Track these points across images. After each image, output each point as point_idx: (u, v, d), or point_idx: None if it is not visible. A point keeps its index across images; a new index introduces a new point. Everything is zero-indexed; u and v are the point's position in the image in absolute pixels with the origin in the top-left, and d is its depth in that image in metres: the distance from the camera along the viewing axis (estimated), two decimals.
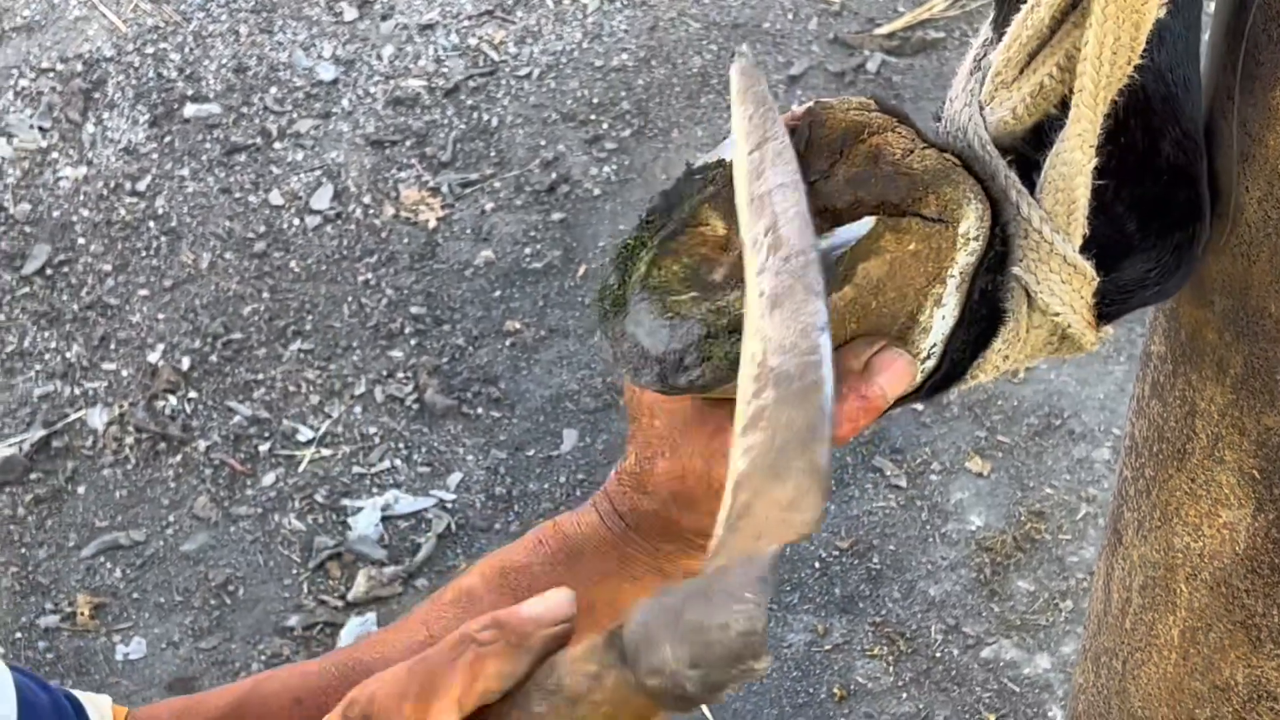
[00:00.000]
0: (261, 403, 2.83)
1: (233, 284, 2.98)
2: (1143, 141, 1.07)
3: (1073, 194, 1.02)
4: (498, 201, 3.10)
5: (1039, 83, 1.00)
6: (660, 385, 0.94)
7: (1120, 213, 1.08)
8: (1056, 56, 0.99)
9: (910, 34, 3.39)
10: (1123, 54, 0.97)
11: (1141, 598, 1.32)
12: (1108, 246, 1.06)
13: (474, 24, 3.41)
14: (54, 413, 2.81)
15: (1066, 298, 1.05)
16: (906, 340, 0.98)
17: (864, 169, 1.00)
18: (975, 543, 2.63)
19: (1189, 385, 1.21)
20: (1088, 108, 0.98)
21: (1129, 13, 0.95)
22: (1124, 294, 1.11)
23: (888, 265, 0.95)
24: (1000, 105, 1.01)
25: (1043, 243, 1.03)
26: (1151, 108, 1.06)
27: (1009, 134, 1.03)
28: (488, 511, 2.70)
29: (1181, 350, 1.21)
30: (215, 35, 3.37)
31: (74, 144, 3.19)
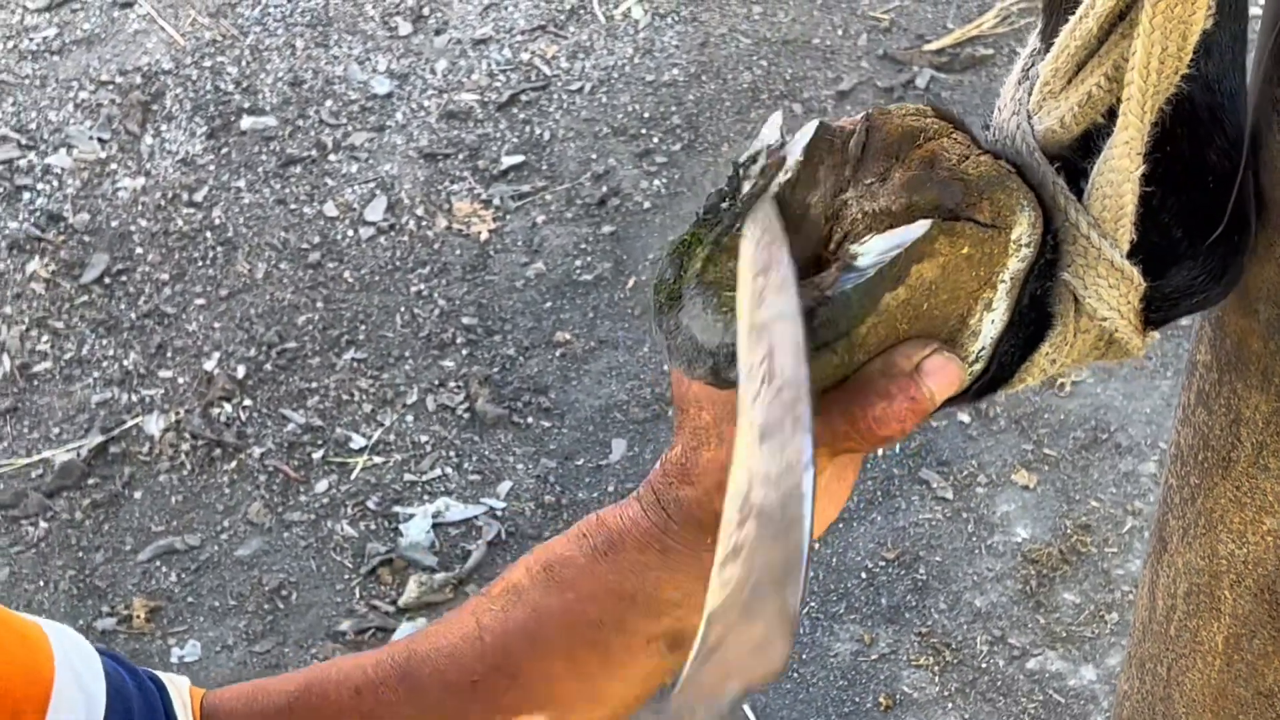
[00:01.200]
0: (315, 411, 2.86)
1: (287, 294, 3.02)
2: (1189, 150, 1.09)
3: (1121, 201, 1.03)
4: (549, 214, 3.13)
5: (1087, 92, 1.01)
6: (713, 379, 0.96)
7: (1166, 220, 1.09)
8: (1104, 66, 1.00)
9: (959, 50, 3.41)
10: (1170, 64, 0.99)
11: (1186, 604, 1.33)
12: (1154, 253, 1.08)
13: (527, 39, 3.44)
14: (111, 419, 2.85)
15: (1114, 303, 1.07)
16: (955, 343, 1.00)
17: (920, 173, 1.01)
18: (1021, 555, 2.64)
19: (1234, 393, 1.22)
20: (1135, 116, 1.00)
21: (1176, 23, 0.97)
22: (1171, 300, 1.12)
23: (940, 268, 0.97)
24: (1048, 115, 1.03)
25: (1090, 248, 1.05)
26: (1198, 117, 1.08)
27: (1056, 143, 1.05)
28: (537, 519, 2.72)
29: (1227, 359, 1.23)
30: (272, 49, 3.41)
31: (132, 155, 3.23)
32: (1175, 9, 0.96)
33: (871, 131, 1.01)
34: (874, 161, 1.02)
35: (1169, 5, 0.96)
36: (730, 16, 3.48)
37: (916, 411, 0.96)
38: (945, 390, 0.98)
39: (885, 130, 1.01)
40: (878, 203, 1.01)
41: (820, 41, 3.43)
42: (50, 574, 2.68)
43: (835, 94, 3.33)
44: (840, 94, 3.33)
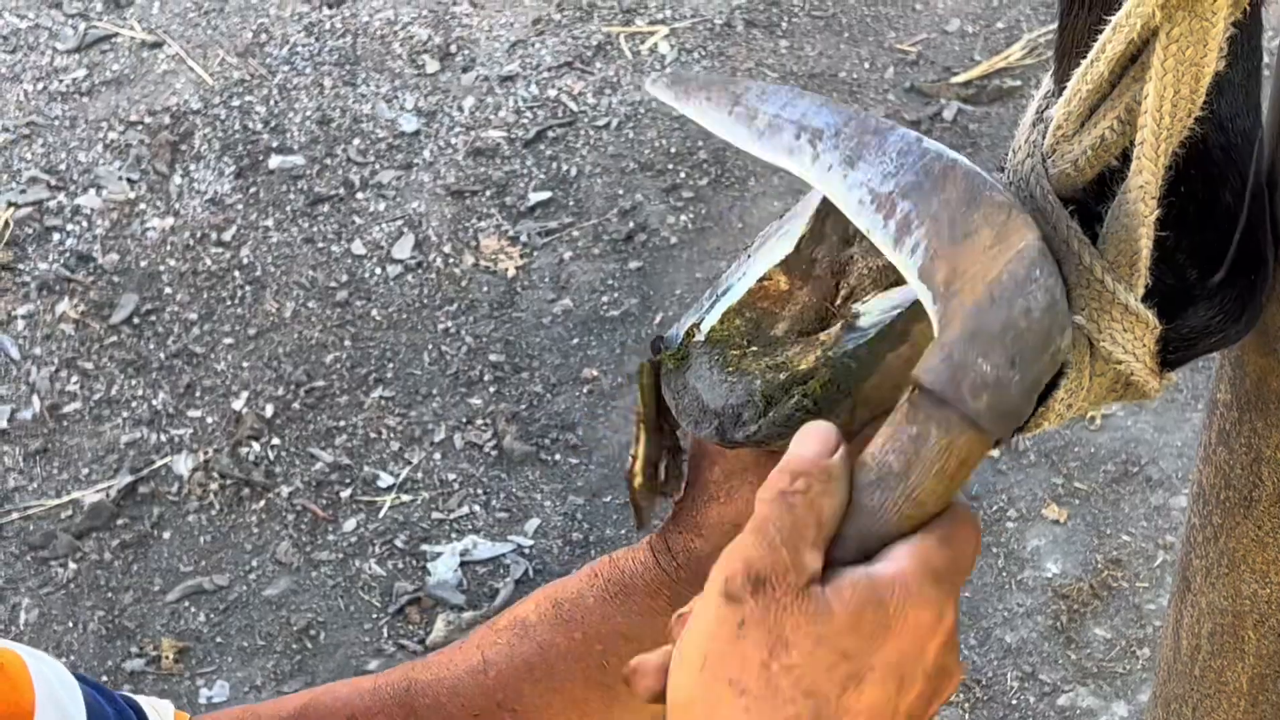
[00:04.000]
0: (343, 449, 2.86)
1: (315, 332, 3.03)
2: (1203, 191, 1.08)
3: (1135, 245, 1.03)
4: (576, 250, 3.14)
5: (1100, 136, 1.01)
6: (718, 438, 0.96)
7: (1182, 262, 1.09)
8: (1117, 110, 1.00)
9: (986, 82, 3.41)
10: (1183, 106, 0.98)
11: (1210, 644, 1.32)
12: (1170, 295, 1.07)
13: (553, 75, 3.45)
14: (141, 459, 2.86)
15: (1129, 346, 1.06)
16: None
17: None
18: (1052, 590, 2.63)
19: (1254, 433, 1.21)
20: (1149, 160, 1.00)
21: (1188, 66, 0.97)
22: (1187, 342, 1.12)
23: None
24: (1062, 158, 1.03)
25: (1104, 292, 1.04)
26: (1212, 158, 1.07)
27: (1070, 186, 1.04)
28: (565, 557, 2.72)
29: (1247, 398, 1.22)
30: (300, 88, 3.43)
31: (161, 195, 3.25)
32: (1187, 51, 0.96)
33: None
34: None
35: (1181, 48, 0.95)
36: (757, 51, 3.48)
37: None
38: None
39: None
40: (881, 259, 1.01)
41: (847, 75, 3.44)
42: (79, 615, 2.69)
43: None
44: None
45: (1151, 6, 0.94)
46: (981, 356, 0.80)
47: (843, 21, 3.54)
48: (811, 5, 3.57)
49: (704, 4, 3.57)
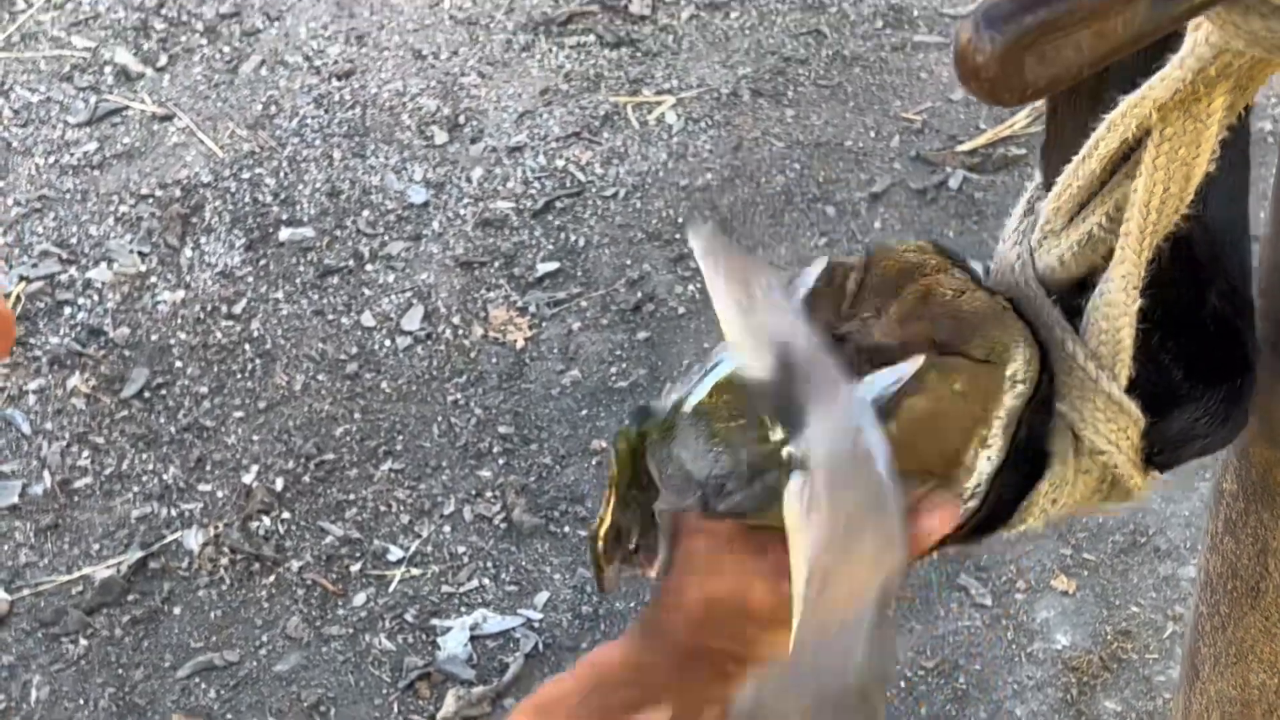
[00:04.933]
0: (353, 523, 2.87)
1: (325, 405, 3.04)
2: (1188, 293, 1.09)
3: (1118, 335, 1.04)
4: (584, 321, 3.15)
5: (1087, 232, 1.02)
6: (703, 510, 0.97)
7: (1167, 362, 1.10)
8: (1106, 207, 1.02)
9: (992, 150, 3.42)
10: (1171, 203, 1.00)
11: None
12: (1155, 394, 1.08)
13: (561, 145, 3.47)
14: (151, 534, 2.87)
15: (1112, 436, 1.07)
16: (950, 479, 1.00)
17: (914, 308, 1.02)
18: (1062, 662, 2.63)
19: (1261, 524, 1.22)
20: (1132, 251, 1.01)
21: (1180, 165, 0.98)
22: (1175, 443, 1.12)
23: (933, 404, 0.98)
24: (1048, 253, 1.04)
25: (1087, 380, 1.05)
26: (1198, 260, 1.08)
27: (1056, 281, 1.06)
28: (575, 630, 2.72)
29: (1253, 489, 1.23)
30: (309, 160, 3.45)
31: (172, 268, 3.27)
32: (1180, 151, 0.97)
33: (870, 268, 1.03)
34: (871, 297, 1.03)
35: (1173, 147, 0.97)
36: (763, 120, 3.50)
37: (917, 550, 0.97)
38: (941, 529, 0.98)
39: (883, 266, 1.03)
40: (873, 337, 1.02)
41: (853, 144, 3.45)
42: (90, 692, 2.69)
43: (868, 196, 3.35)
44: (873, 196, 3.35)
45: (1148, 107, 0.95)
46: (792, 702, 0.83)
47: (848, 90, 3.56)
48: (817, 74, 3.59)
49: (710, 73, 3.60)
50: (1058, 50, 0.79)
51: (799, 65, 3.61)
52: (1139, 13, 0.80)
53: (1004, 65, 0.77)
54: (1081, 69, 0.80)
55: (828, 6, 3.73)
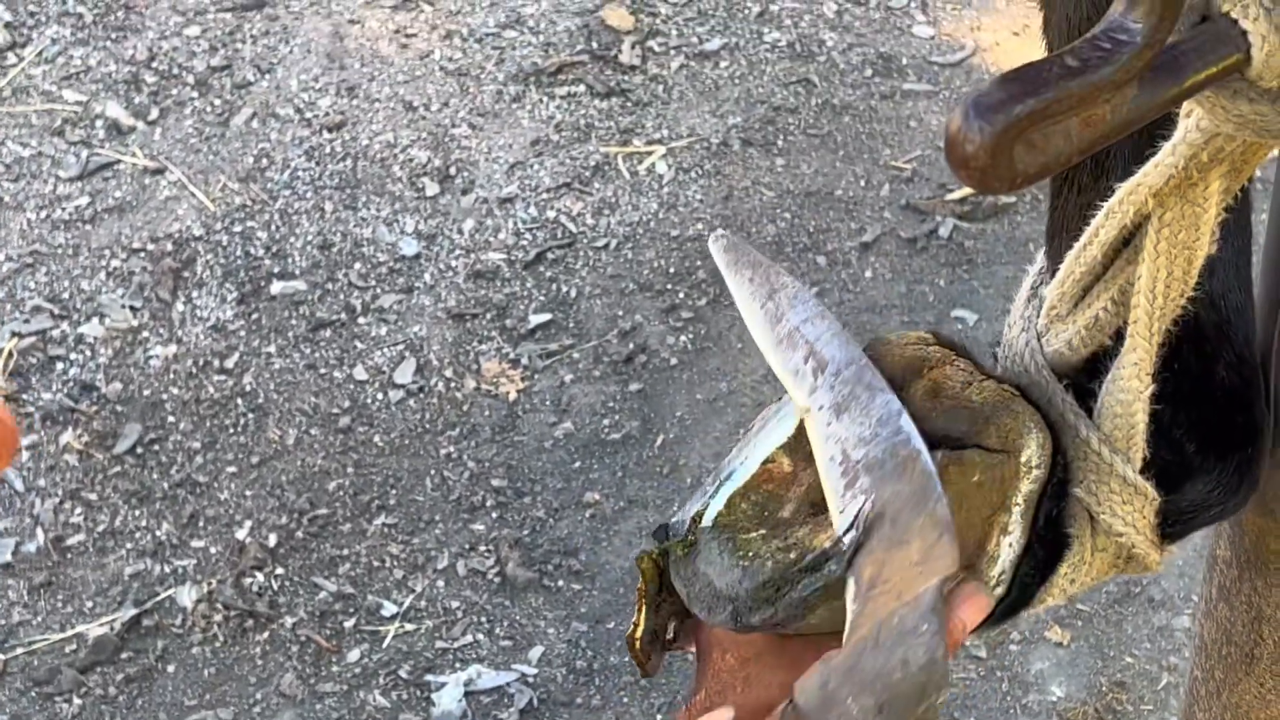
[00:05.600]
0: (346, 578, 2.87)
1: (318, 459, 3.04)
2: (1197, 367, 1.10)
3: (1131, 419, 1.04)
4: (577, 373, 3.15)
5: (1094, 316, 1.03)
6: (734, 624, 0.96)
7: (1178, 436, 1.10)
8: (1110, 291, 1.02)
9: (981, 199, 3.43)
10: (1176, 287, 1.00)
11: None
12: (1167, 469, 1.08)
13: (552, 196, 3.48)
14: (144, 591, 2.86)
15: (1129, 518, 1.07)
16: (975, 569, 1.01)
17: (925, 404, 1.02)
18: (1057, 714, 2.63)
19: (1254, 591, 1.23)
20: (1143, 338, 1.01)
21: (1181, 249, 0.99)
22: (1187, 515, 1.13)
23: (955, 499, 0.98)
24: (1056, 338, 1.04)
25: (1102, 464, 1.05)
26: (1205, 334, 1.09)
27: (1065, 364, 1.06)
28: (569, 685, 2.72)
29: (1246, 557, 1.23)
30: (301, 213, 3.45)
31: (164, 323, 3.27)
32: (1179, 235, 0.98)
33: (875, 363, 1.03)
34: None
35: (1173, 232, 0.98)
36: (753, 170, 3.51)
37: (953, 644, 0.96)
38: (976, 618, 0.98)
39: (887, 361, 1.03)
40: None
41: (843, 193, 3.46)
42: None
43: (859, 245, 3.36)
44: (864, 245, 3.36)
45: (1145, 194, 0.96)
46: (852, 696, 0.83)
47: (838, 139, 3.57)
48: (807, 124, 3.60)
49: (700, 123, 3.61)
50: (1047, 138, 0.79)
51: (789, 114, 3.62)
52: (1126, 100, 0.80)
53: (994, 154, 0.77)
54: (1071, 156, 0.81)
55: (817, 55, 3.75)
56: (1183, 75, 0.83)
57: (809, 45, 3.77)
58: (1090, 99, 0.80)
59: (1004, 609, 1.05)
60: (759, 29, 3.82)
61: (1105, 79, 0.79)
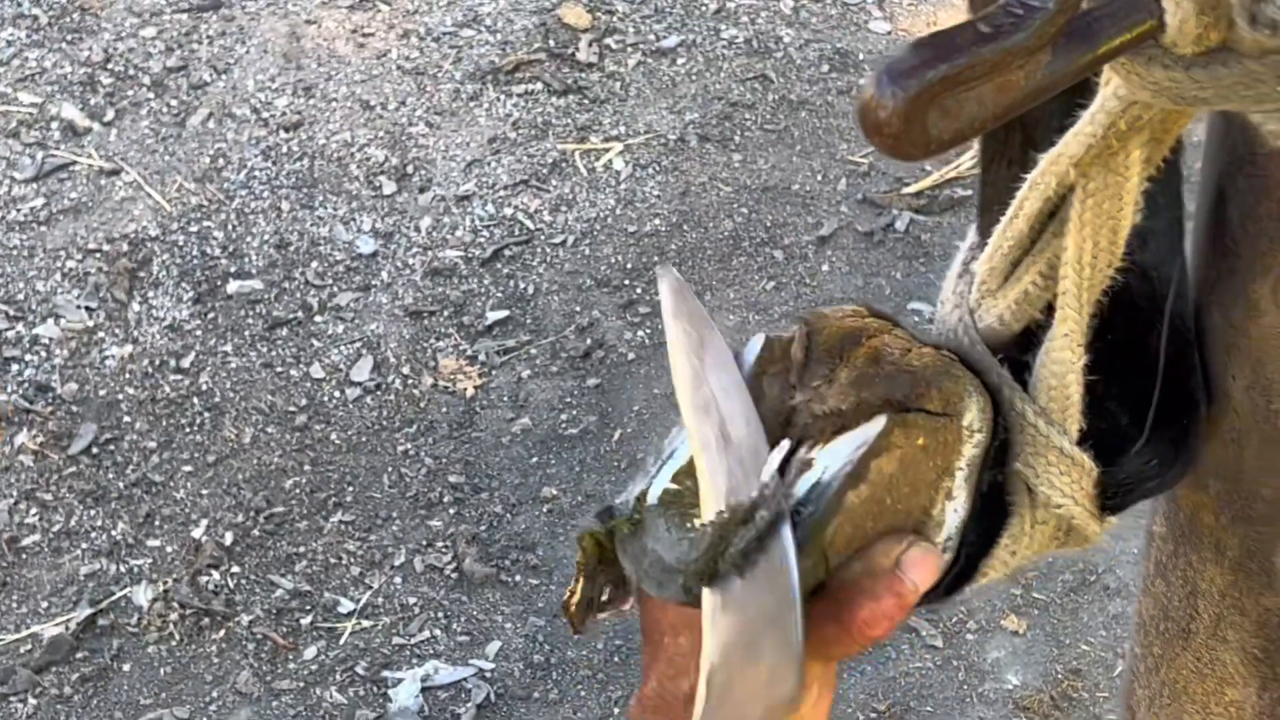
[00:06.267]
0: (303, 575, 2.86)
1: (274, 458, 3.03)
2: (1130, 338, 1.10)
3: (1066, 391, 1.05)
4: (534, 368, 3.15)
5: (1023, 291, 1.03)
6: (685, 597, 0.96)
7: (1113, 408, 1.10)
8: (1039, 265, 1.02)
9: (938, 192, 3.44)
10: (1103, 259, 1.00)
11: None
12: (1104, 440, 1.09)
13: (510, 194, 3.48)
14: (100, 591, 2.85)
15: (1067, 490, 1.08)
16: (922, 534, 1.01)
17: (866, 370, 1.02)
18: (1013, 702, 2.63)
19: (1190, 566, 1.23)
20: (1073, 310, 1.02)
21: (1106, 219, 0.99)
22: (1126, 486, 1.13)
23: (899, 461, 0.98)
24: (988, 313, 1.05)
25: (1039, 437, 1.06)
26: (1136, 305, 1.09)
27: (998, 338, 1.06)
28: (527, 680, 2.72)
29: (1181, 532, 1.24)
30: (257, 212, 3.45)
31: (120, 323, 3.26)
32: (1104, 205, 0.98)
33: (812, 336, 1.03)
34: (818, 365, 1.03)
35: (1097, 202, 0.98)
36: (710, 165, 3.52)
37: (903, 607, 0.96)
38: (926, 581, 0.98)
39: (825, 333, 1.03)
40: (827, 404, 1.02)
41: (800, 187, 3.47)
42: None
43: (816, 240, 3.36)
44: (820, 239, 3.36)
45: (1065, 164, 0.96)
46: None
47: (795, 135, 3.58)
48: (764, 119, 3.61)
49: (658, 119, 3.61)
50: (961, 104, 0.79)
51: (745, 110, 3.63)
52: (1041, 66, 0.80)
53: (907, 120, 0.78)
54: (986, 122, 0.81)
55: (774, 51, 3.75)
56: (1097, 41, 0.83)
57: (766, 41, 3.78)
58: (1003, 65, 0.80)
59: (951, 579, 1.05)
60: (716, 26, 3.82)
61: (1018, 45, 0.79)
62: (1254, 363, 1.12)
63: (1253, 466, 1.15)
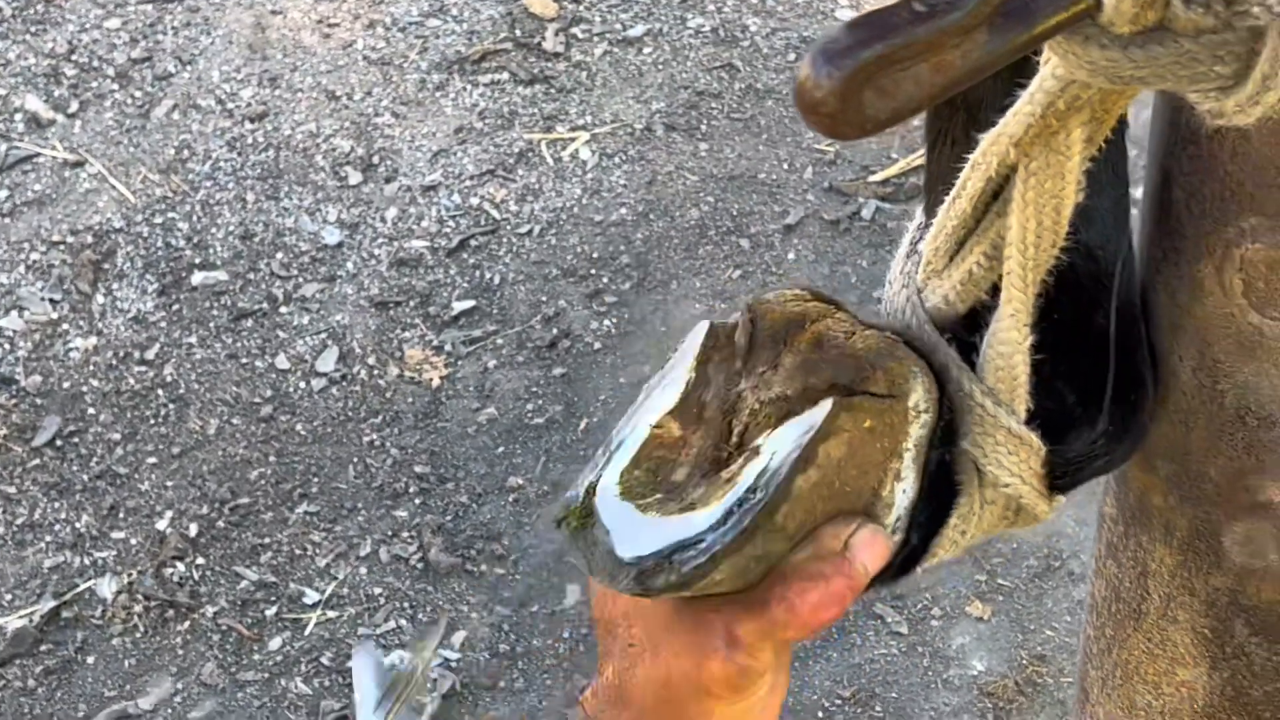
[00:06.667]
0: (268, 566, 2.86)
1: (240, 449, 3.03)
2: (1077, 317, 1.10)
3: (1013, 370, 1.05)
4: (500, 358, 3.15)
5: (968, 271, 1.03)
6: (638, 588, 0.96)
7: (1060, 387, 1.11)
8: (983, 245, 1.02)
9: (904, 180, 3.45)
10: (1047, 238, 1.01)
11: None
12: (1051, 419, 1.09)
13: (476, 183, 3.47)
14: (64, 583, 2.85)
15: (1015, 469, 1.08)
16: (871, 516, 1.01)
17: (810, 355, 1.03)
18: (978, 688, 2.64)
19: (1140, 547, 1.24)
20: (1018, 290, 1.02)
21: (1049, 198, 0.99)
22: (1075, 465, 1.13)
23: (846, 444, 0.98)
24: (934, 293, 1.05)
25: (986, 416, 1.06)
26: (1082, 284, 1.09)
27: (944, 319, 1.06)
28: (492, 669, 2.72)
29: (1131, 513, 1.24)
30: (222, 203, 3.44)
31: (84, 315, 3.25)
32: (1046, 185, 0.98)
33: (756, 322, 1.03)
34: (762, 351, 1.04)
35: (1040, 181, 0.98)
36: (677, 154, 3.52)
37: (853, 589, 0.96)
38: (876, 563, 0.98)
39: (769, 319, 1.03)
40: (773, 390, 1.02)
41: (766, 176, 3.47)
42: None
43: (782, 228, 3.37)
44: (787, 228, 3.37)
45: (1006, 144, 0.96)
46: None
47: (761, 123, 3.58)
48: (730, 108, 3.61)
49: (624, 109, 3.61)
50: (897, 84, 0.79)
51: (712, 99, 3.63)
52: (977, 45, 0.81)
53: (843, 100, 0.78)
54: (923, 102, 0.81)
55: (740, 40, 3.75)
56: (1033, 21, 0.83)
57: (732, 30, 3.77)
58: (939, 44, 0.80)
59: (903, 559, 1.05)
60: (682, 15, 3.82)
61: (953, 24, 0.79)
62: (1200, 343, 1.12)
63: (1200, 447, 1.15)
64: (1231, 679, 1.21)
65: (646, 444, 1.00)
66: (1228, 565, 1.17)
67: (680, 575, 0.95)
